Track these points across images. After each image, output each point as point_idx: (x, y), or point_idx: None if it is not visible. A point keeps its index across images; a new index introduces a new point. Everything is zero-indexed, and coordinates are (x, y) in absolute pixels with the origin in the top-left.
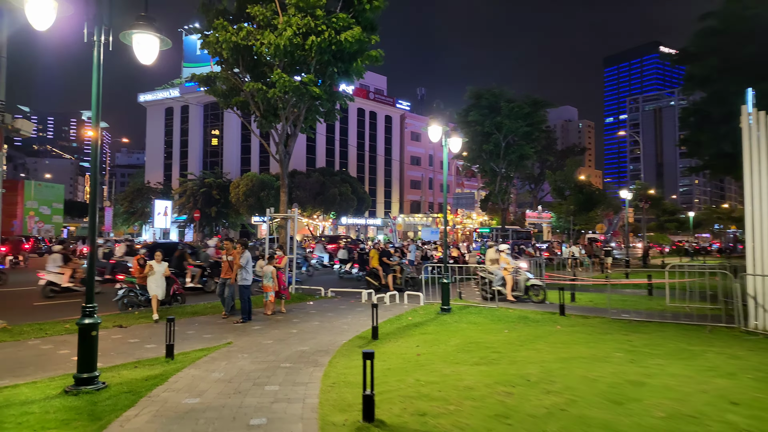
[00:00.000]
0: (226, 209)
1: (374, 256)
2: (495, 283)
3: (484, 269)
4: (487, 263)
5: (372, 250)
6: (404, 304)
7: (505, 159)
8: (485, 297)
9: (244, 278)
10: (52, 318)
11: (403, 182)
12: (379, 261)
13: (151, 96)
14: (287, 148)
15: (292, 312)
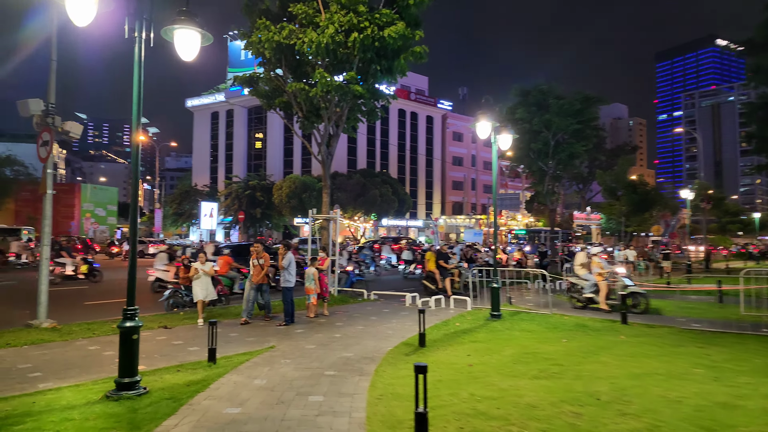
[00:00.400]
0: (270, 211)
1: (430, 259)
2: (586, 289)
3: (575, 275)
4: (577, 268)
5: (428, 253)
6: (450, 309)
7: (553, 158)
8: (576, 306)
9: (287, 280)
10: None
11: (444, 183)
12: (435, 264)
13: (197, 101)
14: (329, 149)
15: (335, 315)
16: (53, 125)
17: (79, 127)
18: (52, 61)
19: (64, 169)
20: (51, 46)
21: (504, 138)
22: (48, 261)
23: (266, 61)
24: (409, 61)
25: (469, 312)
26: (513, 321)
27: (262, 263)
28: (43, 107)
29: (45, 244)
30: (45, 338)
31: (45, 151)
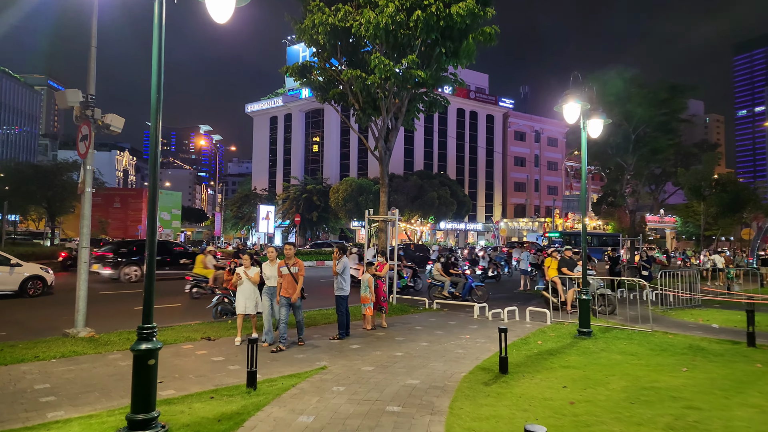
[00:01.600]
0: (326, 214)
1: (551, 266)
2: None
3: None
4: None
5: (548, 258)
6: (527, 323)
7: (634, 153)
8: None
9: (342, 288)
10: None
11: (505, 184)
12: (558, 271)
13: (257, 106)
14: (388, 144)
15: (394, 327)
16: (92, 118)
17: (120, 120)
18: (92, 47)
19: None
20: (90, 31)
21: (595, 124)
22: (87, 264)
23: (320, 48)
24: (478, 42)
25: (550, 327)
26: (607, 340)
27: (296, 272)
28: (81, 98)
29: (84, 246)
30: (78, 350)
31: (84, 146)
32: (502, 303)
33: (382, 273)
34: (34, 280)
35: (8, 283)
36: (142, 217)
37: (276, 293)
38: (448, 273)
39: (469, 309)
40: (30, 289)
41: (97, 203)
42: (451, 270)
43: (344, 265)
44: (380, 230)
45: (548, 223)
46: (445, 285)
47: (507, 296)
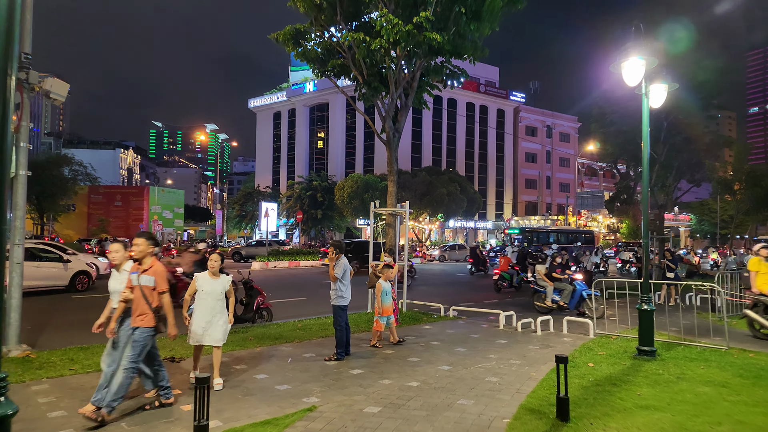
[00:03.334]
0: (331, 212)
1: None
2: None
3: None
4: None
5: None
6: (563, 335)
7: (665, 143)
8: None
9: (341, 296)
10: None
11: (516, 181)
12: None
13: (260, 101)
14: (396, 125)
15: (406, 343)
16: (27, 83)
17: (63, 86)
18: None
19: (139, 174)
20: None
21: (658, 90)
22: (21, 265)
23: (317, 11)
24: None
25: (595, 341)
26: (677, 362)
27: (148, 284)
28: None
29: (17, 244)
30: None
31: (15, 119)
32: (524, 309)
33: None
34: (81, 275)
35: (61, 279)
36: (144, 215)
37: None
38: (551, 277)
39: (493, 317)
40: (78, 284)
41: (98, 201)
42: (555, 273)
43: (344, 268)
44: (388, 225)
45: (561, 221)
46: (547, 291)
47: (529, 300)
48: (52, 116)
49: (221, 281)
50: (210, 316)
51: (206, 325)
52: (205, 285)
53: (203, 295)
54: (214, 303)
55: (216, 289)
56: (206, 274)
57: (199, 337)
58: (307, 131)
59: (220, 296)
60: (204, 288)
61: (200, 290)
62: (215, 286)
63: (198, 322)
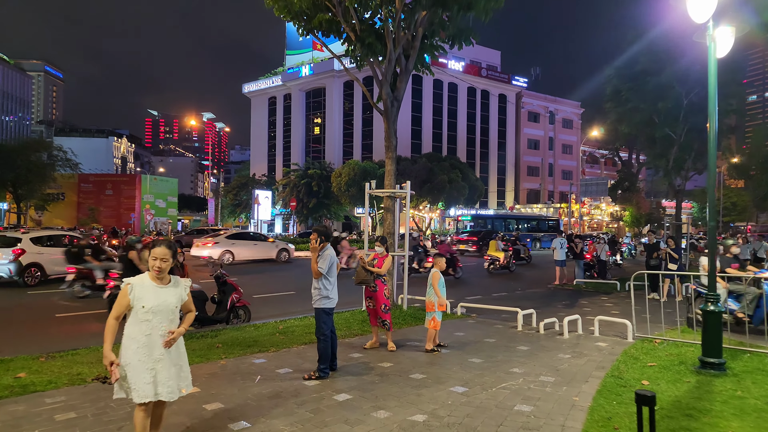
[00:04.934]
0: (328, 200)
1: None
2: None
3: None
4: None
5: None
6: (596, 338)
7: (685, 122)
8: None
9: (326, 295)
10: None
11: (518, 168)
12: None
13: (254, 85)
14: (395, 92)
15: (406, 350)
16: None
17: None
18: None
19: (133, 162)
20: None
21: (725, 35)
22: None
23: None
24: None
25: (636, 347)
26: (755, 378)
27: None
28: None
29: None
30: None
31: None
32: (539, 303)
33: (382, 270)
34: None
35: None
36: (136, 204)
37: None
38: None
39: (507, 315)
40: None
41: (87, 190)
42: (730, 268)
43: (330, 261)
44: (386, 210)
45: (563, 209)
46: (721, 297)
47: (542, 293)
48: (44, 104)
49: (174, 289)
50: (161, 350)
51: (159, 368)
52: (147, 298)
53: (146, 315)
54: (168, 325)
55: (168, 302)
56: (147, 278)
57: (148, 392)
58: (303, 117)
59: (174, 314)
60: (147, 303)
61: (138, 307)
62: (166, 297)
63: (141, 365)
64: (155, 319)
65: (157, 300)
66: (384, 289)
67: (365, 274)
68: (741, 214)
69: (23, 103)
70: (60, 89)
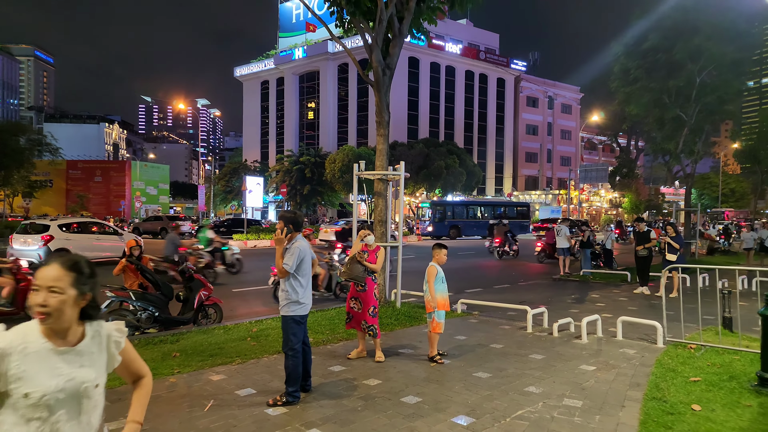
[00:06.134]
0: (321, 187)
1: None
2: None
3: None
4: None
5: None
6: (620, 343)
7: (697, 102)
8: None
9: (295, 300)
10: None
11: (517, 154)
12: None
13: (246, 69)
14: (387, 60)
15: (397, 359)
16: None
17: None
18: None
19: (126, 149)
20: None
21: None
22: None
23: None
24: None
25: (669, 353)
26: None
27: None
28: None
29: None
30: None
31: None
32: (546, 297)
33: (377, 265)
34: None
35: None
36: (126, 191)
37: None
38: None
39: (514, 312)
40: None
41: (76, 177)
42: None
43: (300, 255)
44: (378, 195)
45: (562, 195)
46: None
47: (547, 285)
48: (35, 90)
49: (90, 353)
50: None
51: None
52: (34, 376)
53: (33, 411)
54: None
55: (78, 380)
56: (34, 332)
57: None
58: (297, 102)
59: (94, 401)
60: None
61: (16, 395)
62: (73, 372)
63: None
64: (54, 415)
65: (54, 380)
66: (374, 288)
67: (359, 269)
68: (739, 201)
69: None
70: (51, 74)
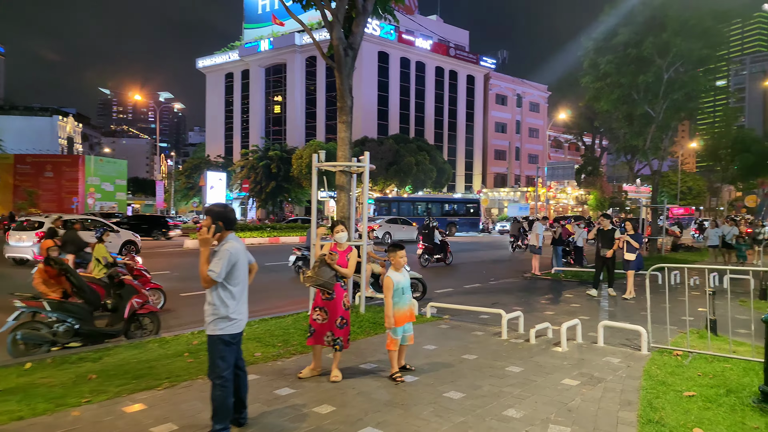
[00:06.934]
0: (288, 183)
1: None
2: None
3: None
4: None
5: None
6: (601, 349)
7: (665, 98)
8: None
9: (224, 315)
10: None
11: (486, 152)
12: None
13: (209, 60)
14: (350, 39)
15: (357, 376)
16: None
17: None
18: None
19: (81, 143)
20: None
21: None
22: None
23: None
24: None
25: (655, 362)
26: None
27: None
28: None
29: None
30: None
31: None
32: (519, 298)
33: (347, 269)
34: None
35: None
36: (79, 187)
37: None
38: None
39: (486, 316)
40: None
41: (25, 172)
42: None
43: (230, 260)
44: (340, 189)
45: (530, 192)
46: None
47: (519, 284)
48: None
49: None
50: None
51: None
52: None
53: None
54: None
55: None
56: None
57: None
58: (263, 95)
59: None
60: None
61: None
62: None
63: None
64: None
65: None
66: (344, 295)
67: (327, 273)
68: (696, 198)
69: None
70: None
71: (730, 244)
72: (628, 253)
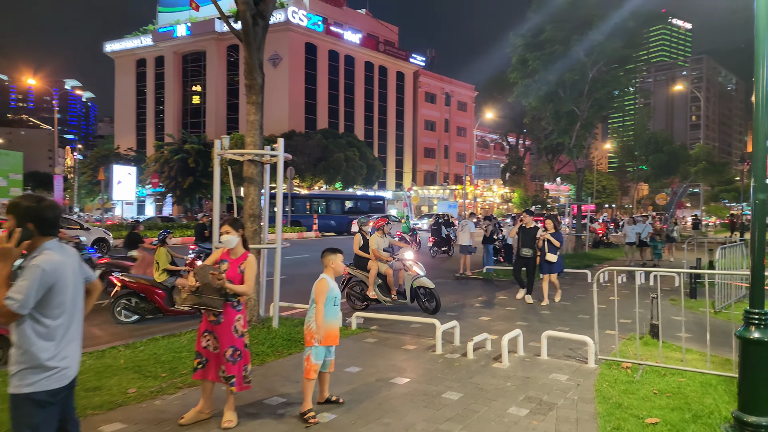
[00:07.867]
0: (207, 178)
1: None
2: None
3: None
4: None
5: None
6: (546, 363)
7: (589, 97)
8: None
9: (35, 364)
10: None
11: (416, 149)
12: None
13: (119, 45)
14: (260, 7)
15: (256, 418)
16: None
17: None
18: None
19: None
20: None
21: None
22: None
23: None
24: None
25: (606, 377)
26: None
27: None
28: None
29: None
30: None
31: None
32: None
33: (244, 286)
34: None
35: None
36: None
37: None
38: None
39: (418, 325)
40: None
41: None
42: None
43: (46, 278)
44: (248, 181)
45: (459, 190)
46: None
47: (450, 285)
48: None
49: None
50: None
51: None
52: None
53: None
54: None
55: None
56: None
57: None
58: (180, 84)
59: None
60: None
61: None
62: None
63: None
64: None
65: None
66: (236, 318)
67: (212, 290)
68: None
69: None
70: None
71: (645, 241)
72: (549, 254)
